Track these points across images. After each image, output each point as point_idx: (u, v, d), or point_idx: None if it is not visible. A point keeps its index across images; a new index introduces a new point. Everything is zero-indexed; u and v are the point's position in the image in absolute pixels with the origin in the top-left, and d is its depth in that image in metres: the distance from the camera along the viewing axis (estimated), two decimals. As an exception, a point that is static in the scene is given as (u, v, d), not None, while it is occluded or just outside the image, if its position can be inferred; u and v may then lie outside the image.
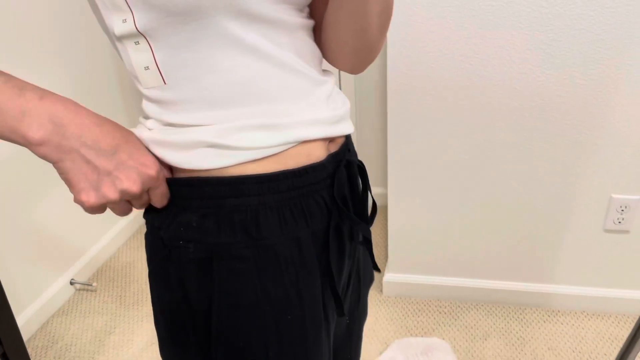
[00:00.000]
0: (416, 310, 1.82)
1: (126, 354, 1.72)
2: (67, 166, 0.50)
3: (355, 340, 0.85)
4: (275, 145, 0.56)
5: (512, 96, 1.45)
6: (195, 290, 0.58)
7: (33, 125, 0.48)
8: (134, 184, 0.52)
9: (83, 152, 0.50)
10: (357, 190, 0.66)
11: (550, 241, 1.67)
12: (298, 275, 0.59)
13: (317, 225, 0.60)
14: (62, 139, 0.49)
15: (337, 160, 0.62)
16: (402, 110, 1.54)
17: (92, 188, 0.51)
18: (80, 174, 0.50)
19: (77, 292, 2.03)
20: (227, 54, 0.53)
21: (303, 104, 0.59)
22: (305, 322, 0.61)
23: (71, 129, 0.49)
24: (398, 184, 1.67)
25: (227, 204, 0.55)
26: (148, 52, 0.53)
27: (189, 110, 0.54)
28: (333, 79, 0.66)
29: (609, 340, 1.64)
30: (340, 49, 0.67)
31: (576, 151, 1.50)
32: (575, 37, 1.35)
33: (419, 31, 1.42)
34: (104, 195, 0.51)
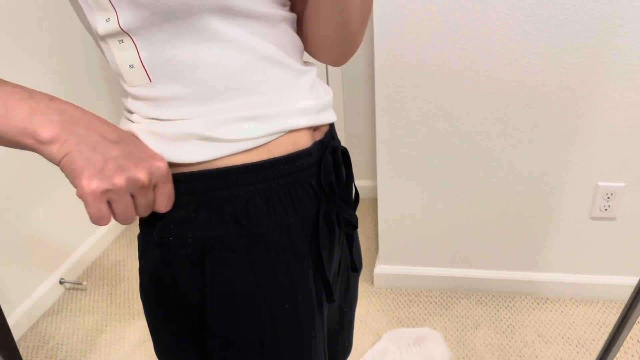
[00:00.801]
0: (407, 301, 1.83)
1: (118, 352, 1.72)
2: (74, 156, 0.48)
3: (347, 326, 0.86)
4: (264, 136, 0.57)
5: (499, 86, 1.47)
6: (187, 285, 0.58)
7: (43, 123, 0.48)
8: (141, 172, 0.50)
9: (91, 140, 0.48)
10: (342, 177, 0.68)
11: (538, 230, 1.69)
12: (289, 262, 0.60)
13: (305, 212, 0.61)
14: (72, 135, 0.48)
15: (322, 147, 0.64)
16: (390, 102, 1.55)
17: (96, 173, 0.47)
18: (85, 160, 0.48)
19: (67, 291, 2.02)
20: (212, 49, 0.53)
21: (288, 94, 0.60)
22: (298, 310, 0.61)
23: (81, 122, 0.49)
24: (387, 175, 1.68)
25: (218, 196, 0.56)
26: (133, 50, 0.53)
27: (175, 106, 0.55)
28: (315, 69, 0.67)
29: (597, 326, 1.67)
30: (322, 42, 0.68)
31: (562, 140, 1.52)
32: (560, 27, 1.37)
33: (405, 23, 1.42)
34: (108, 177, 0.48)
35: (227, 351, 0.60)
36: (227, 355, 0.60)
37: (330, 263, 0.67)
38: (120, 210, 0.50)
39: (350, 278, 0.80)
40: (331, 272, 0.68)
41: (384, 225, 1.78)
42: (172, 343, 0.63)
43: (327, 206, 0.63)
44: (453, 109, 1.52)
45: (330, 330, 0.80)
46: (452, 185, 1.66)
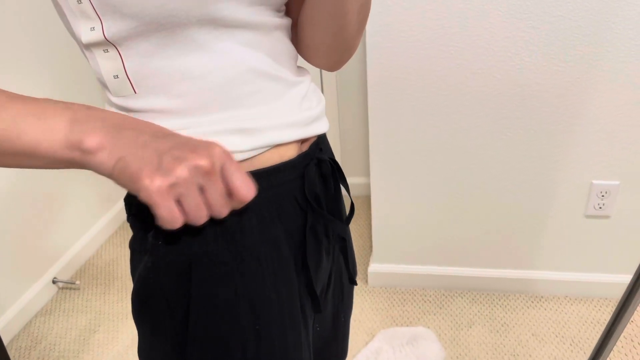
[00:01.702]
0: (401, 300, 1.83)
1: (111, 352, 1.71)
2: (128, 160, 0.44)
3: (341, 336, 0.85)
4: (249, 150, 0.55)
5: (492, 84, 1.45)
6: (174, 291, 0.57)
7: (87, 131, 0.44)
8: (201, 157, 0.44)
9: (141, 140, 0.45)
10: (330, 189, 0.66)
11: (533, 228, 1.68)
12: (277, 275, 0.59)
13: (290, 224, 0.60)
14: (118, 137, 0.44)
15: (307, 159, 0.62)
16: (383, 99, 1.53)
17: (156, 169, 0.43)
18: (140, 160, 0.43)
19: (60, 290, 2.01)
20: (199, 61, 0.52)
21: (276, 107, 0.58)
22: (284, 323, 0.60)
23: (125, 125, 0.46)
24: (381, 173, 1.67)
25: None
26: (117, 60, 0.51)
27: (160, 118, 0.53)
28: (308, 77, 0.65)
29: (591, 324, 1.66)
30: (317, 47, 0.66)
31: (556, 138, 1.51)
32: (553, 24, 1.35)
33: (397, 21, 1.41)
34: (168, 170, 0.43)
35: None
36: None
37: (318, 274, 0.66)
38: (192, 206, 0.45)
39: (345, 287, 0.79)
40: (319, 284, 0.67)
41: (377, 223, 1.77)
42: (154, 350, 0.62)
43: (313, 218, 0.62)
44: (446, 107, 1.51)
45: (324, 339, 0.80)
46: (445, 184, 1.65)
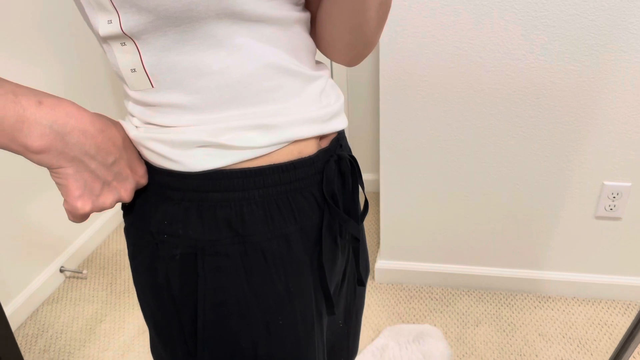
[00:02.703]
0: (408, 297, 1.82)
1: (117, 342, 1.71)
2: (69, 173, 0.49)
3: (352, 334, 0.84)
4: (268, 146, 0.54)
5: (505, 83, 1.44)
6: (179, 288, 0.57)
7: (33, 134, 0.46)
8: (129, 194, 0.54)
9: (86, 161, 0.49)
10: (348, 187, 0.65)
11: (542, 227, 1.67)
12: (287, 272, 0.58)
13: (306, 221, 0.59)
14: (65, 147, 0.48)
15: (327, 155, 0.61)
16: (394, 96, 1.53)
17: (91, 196, 0.51)
18: (82, 180, 0.50)
19: (67, 279, 2.01)
20: (217, 56, 0.51)
21: (295, 103, 0.57)
22: (296, 321, 0.60)
23: (74, 136, 0.48)
24: (390, 170, 1.66)
25: (210, 198, 0.54)
26: (135, 54, 0.50)
27: (178, 113, 0.53)
28: (327, 72, 0.64)
29: (598, 326, 1.65)
30: (336, 43, 0.65)
31: (569, 138, 1.50)
32: (569, 23, 1.34)
33: (412, 17, 1.40)
34: (102, 203, 0.52)
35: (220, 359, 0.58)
36: None
37: (333, 273, 0.65)
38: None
39: (357, 288, 0.79)
40: (333, 283, 0.66)
41: (386, 220, 1.77)
42: (164, 345, 0.62)
43: (329, 217, 0.61)
44: (458, 104, 1.50)
45: (334, 337, 0.79)
46: (455, 182, 1.64)
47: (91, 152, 0.50)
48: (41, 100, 0.47)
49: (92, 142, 0.49)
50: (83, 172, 0.50)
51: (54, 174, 0.50)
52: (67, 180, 0.49)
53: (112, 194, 0.53)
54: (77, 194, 0.50)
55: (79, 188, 0.50)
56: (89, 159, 0.50)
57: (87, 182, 0.50)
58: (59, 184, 0.50)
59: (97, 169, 0.51)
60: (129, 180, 0.54)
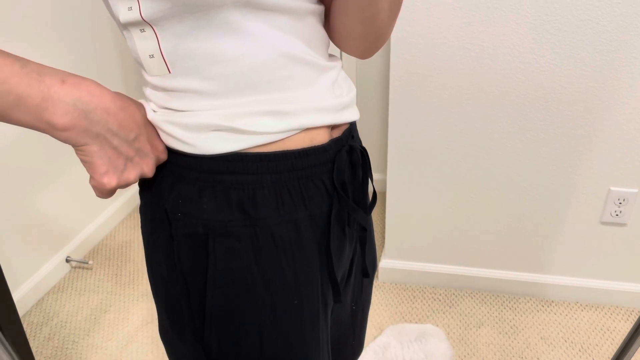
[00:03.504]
0: (411, 296, 1.83)
1: (121, 333, 1.73)
2: (94, 150, 0.51)
3: (358, 327, 0.85)
4: (280, 132, 0.56)
5: (515, 85, 1.45)
6: (190, 267, 0.58)
7: (58, 112, 0.47)
8: (151, 169, 0.56)
9: (109, 138, 0.51)
10: (357, 178, 0.66)
11: (547, 231, 1.68)
12: (295, 258, 0.59)
13: (315, 209, 0.60)
14: (89, 124, 0.49)
15: (339, 145, 0.62)
16: (404, 96, 1.54)
17: (115, 172, 0.52)
18: (106, 157, 0.51)
19: (72, 269, 2.03)
20: (232, 44, 0.52)
21: (308, 92, 0.58)
22: (302, 306, 0.61)
23: (97, 113, 0.49)
24: (397, 170, 1.67)
25: (225, 180, 0.55)
26: (153, 40, 0.52)
27: (193, 98, 0.54)
28: (339, 63, 0.65)
29: (601, 332, 1.66)
30: (349, 35, 0.66)
31: (576, 142, 1.50)
32: (581, 28, 1.35)
33: (423, 17, 1.41)
34: (126, 178, 0.53)
35: (226, 341, 0.59)
36: (225, 345, 0.60)
37: (340, 262, 0.66)
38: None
39: (364, 281, 0.79)
40: (340, 271, 0.67)
41: (391, 220, 1.77)
42: (172, 326, 0.63)
43: (338, 205, 0.62)
44: (467, 106, 1.51)
45: (341, 330, 0.80)
46: (462, 183, 1.65)
47: (114, 129, 0.51)
48: (64, 79, 0.48)
49: (115, 119, 0.51)
50: (107, 148, 0.51)
51: (79, 151, 0.51)
52: (92, 157, 0.51)
53: (135, 169, 0.54)
54: (103, 170, 0.51)
55: (104, 164, 0.51)
56: (111, 135, 0.51)
57: (112, 158, 0.52)
58: (84, 161, 0.52)
59: (120, 146, 0.52)
60: (150, 156, 0.55)
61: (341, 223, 0.64)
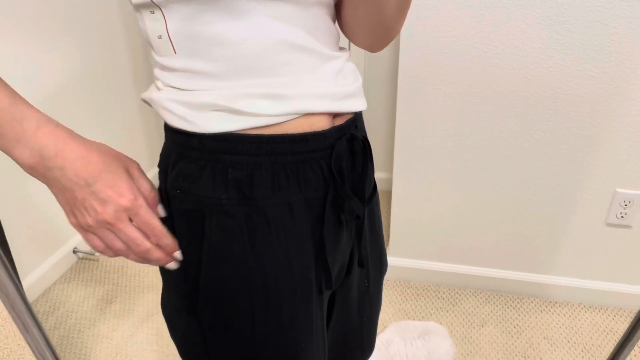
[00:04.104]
0: (415, 294, 1.84)
1: (126, 323, 1.74)
2: (54, 192, 0.57)
3: (367, 325, 0.85)
4: (279, 115, 0.57)
5: (524, 85, 1.46)
6: (186, 243, 0.60)
7: (25, 154, 0.54)
8: (103, 211, 0.55)
9: (63, 182, 0.55)
10: (357, 167, 0.66)
11: (552, 232, 1.68)
12: (288, 240, 0.60)
13: (311, 193, 0.61)
14: (46, 170, 0.54)
15: (340, 133, 0.62)
16: (412, 94, 1.54)
17: (72, 213, 0.57)
18: (64, 199, 0.56)
19: (79, 261, 2.05)
20: (235, 28, 0.54)
21: (309, 78, 0.59)
22: (294, 289, 0.62)
23: (56, 161, 0.54)
24: (403, 168, 1.68)
25: (224, 160, 0.57)
26: (162, 21, 0.54)
27: (197, 79, 0.56)
28: (345, 55, 0.66)
29: (604, 333, 1.66)
30: (358, 27, 0.67)
31: (583, 143, 1.51)
32: (590, 29, 1.35)
33: (434, 15, 1.42)
34: (81, 219, 0.56)
35: (218, 317, 0.61)
36: (217, 321, 0.61)
37: (336, 251, 0.67)
38: (100, 244, 0.58)
39: (370, 276, 0.79)
40: (337, 262, 0.68)
41: (396, 217, 1.78)
42: (169, 297, 0.65)
43: (334, 192, 0.62)
44: (475, 104, 1.52)
45: (347, 328, 0.80)
46: (468, 182, 1.65)
47: (68, 174, 0.54)
48: (40, 126, 0.54)
49: (71, 167, 0.54)
50: (63, 191, 0.56)
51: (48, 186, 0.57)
52: (56, 197, 0.57)
53: (87, 211, 0.56)
54: (66, 211, 0.57)
55: (65, 206, 0.57)
56: (66, 180, 0.55)
57: (68, 201, 0.56)
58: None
59: (73, 189, 0.55)
60: (105, 198, 0.55)
61: (336, 210, 0.64)
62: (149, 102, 0.61)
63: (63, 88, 1.89)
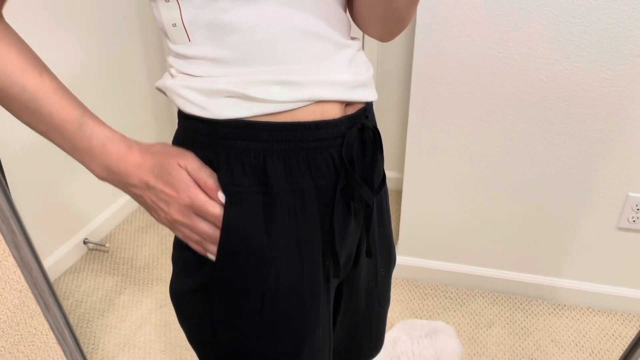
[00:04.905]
0: (423, 294, 1.84)
1: (135, 315, 1.75)
2: (131, 196, 0.62)
3: (375, 320, 0.85)
4: (291, 101, 0.58)
5: (538, 87, 1.45)
6: None
7: (96, 168, 0.59)
8: (169, 211, 0.60)
9: (132, 190, 0.60)
10: (367, 157, 0.66)
11: (562, 235, 1.68)
12: (299, 226, 0.61)
13: (322, 180, 0.61)
14: (116, 182, 0.60)
15: (351, 122, 0.63)
16: (425, 92, 1.55)
17: (152, 214, 0.62)
18: (141, 203, 0.62)
19: (90, 251, 2.06)
20: (248, 15, 0.55)
21: (322, 66, 0.60)
22: (304, 276, 0.63)
23: (121, 173, 0.59)
24: (414, 167, 1.68)
25: (237, 146, 0.58)
26: (176, 10, 0.55)
27: (210, 66, 0.57)
28: (357, 43, 0.66)
29: (612, 337, 1.66)
30: (368, 16, 0.68)
31: (596, 146, 1.50)
32: (607, 32, 1.35)
33: (449, 14, 1.42)
34: (158, 219, 0.62)
35: (228, 302, 0.62)
36: (227, 305, 0.62)
37: (344, 237, 0.67)
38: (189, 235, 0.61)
39: (378, 270, 0.79)
40: (344, 252, 0.68)
41: (406, 216, 1.78)
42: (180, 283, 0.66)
43: (345, 180, 0.63)
44: (488, 105, 1.52)
45: (354, 321, 0.80)
46: (478, 182, 1.65)
47: (134, 182, 0.59)
48: (106, 143, 0.58)
49: (133, 177, 0.59)
50: (136, 196, 0.61)
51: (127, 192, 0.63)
52: (136, 200, 0.62)
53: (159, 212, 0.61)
54: (149, 210, 0.62)
55: (145, 206, 0.62)
56: (133, 187, 0.60)
57: (144, 203, 0.61)
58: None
59: (143, 193, 0.60)
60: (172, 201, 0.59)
61: (346, 198, 0.64)
62: (163, 89, 0.62)
63: (77, 77, 1.90)
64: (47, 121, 0.57)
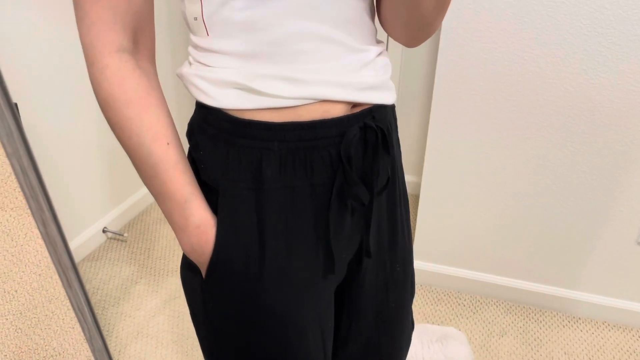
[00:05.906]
0: (435, 299, 1.83)
1: (149, 304, 1.78)
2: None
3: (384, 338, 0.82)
4: (295, 98, 0.59)
5: (563, 96, 1.44)
6: None
7: (186, 245, 0.63)
8: None
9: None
10: (368, 156, 0.65)
11: (580, 247, 1.66)
12: (288, 224, 0.63)
13: (317, 179, 0.62)
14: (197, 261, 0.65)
15: (352, 121, 0.62)
16: (448, 97, 1.54)
17: None
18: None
19: (108, 240, 2.10)
20: (264, 15, 0.57)
21: (331, 67, 0.60)
22: (293, 274, 0.65)
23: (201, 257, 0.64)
24: (433, 172, 1.68)
25: (237, 143, 0.60)
26: (198, 5, 0.58)
27: (222, 58, 0.60)
28: (379, 48, 0.66)
29: (627, 353, 1.63)
30: (394, 21, 0.68)
31: (619, 158, 1.48)
32: (635, 43, 1.33)
33: (475, 20, 1.41)
34: None
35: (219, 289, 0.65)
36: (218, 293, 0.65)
37: (339, 234, 0.67)
38: None
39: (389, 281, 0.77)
40: (342, 248, 0.68)
41: (422, 221, 1.78)
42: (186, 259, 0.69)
43: (342, 178, 0.62)
44: (511, 112, 1.50)
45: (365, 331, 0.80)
46: (497, 190, 1.64)
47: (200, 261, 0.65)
48: (199, 225, 0.61)
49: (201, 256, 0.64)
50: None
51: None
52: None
53: None
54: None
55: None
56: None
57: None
58: None
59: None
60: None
61: (343, 197, 0.64)
62: (180, 76, 0.66)
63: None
64: (159, 187, 0.60)
